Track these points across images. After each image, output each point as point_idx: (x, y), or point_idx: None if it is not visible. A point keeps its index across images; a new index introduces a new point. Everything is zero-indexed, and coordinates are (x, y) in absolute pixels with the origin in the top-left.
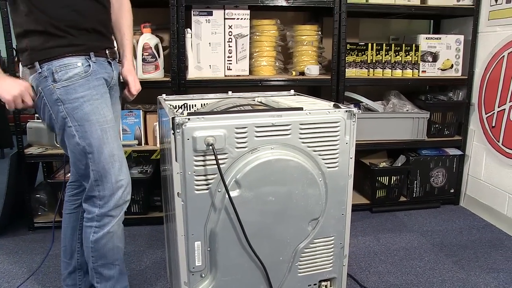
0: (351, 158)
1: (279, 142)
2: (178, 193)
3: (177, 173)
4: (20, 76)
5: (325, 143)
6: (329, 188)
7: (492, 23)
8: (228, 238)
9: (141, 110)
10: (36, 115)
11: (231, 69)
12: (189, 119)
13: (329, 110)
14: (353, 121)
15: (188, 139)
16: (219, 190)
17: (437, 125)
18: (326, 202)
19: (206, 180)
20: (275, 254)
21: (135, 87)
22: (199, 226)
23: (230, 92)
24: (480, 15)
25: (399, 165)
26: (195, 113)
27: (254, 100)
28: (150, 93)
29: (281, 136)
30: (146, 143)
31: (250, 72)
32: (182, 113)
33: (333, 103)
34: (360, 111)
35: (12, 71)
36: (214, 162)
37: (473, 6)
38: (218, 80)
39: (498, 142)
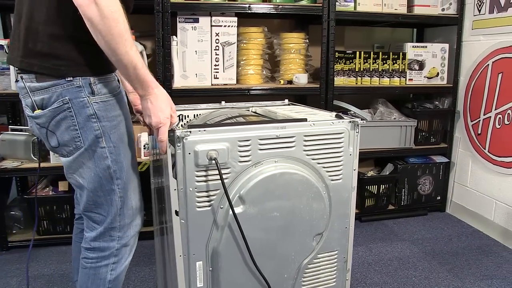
0: (354, 169)
1: (282, 155)
2: (176, 211)
3: (174, 189)
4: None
5: (329, 155)
6: (333, 201)
7: (476, 32)
8: (231, 257)
9: None
10: (10, 126)
11: (218, 78)
12: (190, 132)
13: (333, 121)
14: (356, 132)
15: (189, 154)
16: (221, 206)
17: (423, 133)
18: (330, 216)
19: (208, 196)
20: (279, 271)
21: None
22: (200, 245)
23: (223, 102)
24: (464, 24)
25: (387, 173)
26: (196, 126)
27: (248, 110)
28: None
29: (285, 149)
30: None
31: (237, 80)
32: (179, 125)
33: (334, 113)
34: (364, 121)
35: None
36: (216, 177)
37: (457, 16)
38: (204, 89)
39: (484, 149)
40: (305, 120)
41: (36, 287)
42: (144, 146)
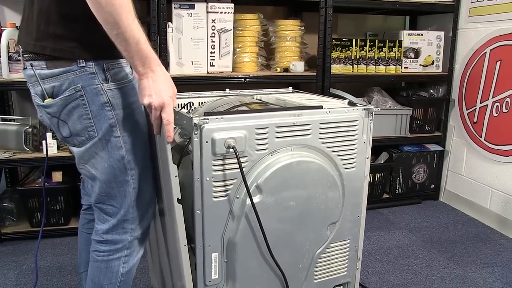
0: (367, 158)
1: (298, 143)
2: (178, 198)
3: (175, 176)
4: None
5: (344, 143)
6: (346, 190)
7: (473, 20)
8: (247, 248)
9: None
10: (1, 116)
11: (214, 66)
12: (208, 119)
13: (347, 108)
14: (370, 119)
15: (206, 142)
16: (238, 196)
17: (418, 121)
18: (343, 205)
19: (224, 186)
20: (294, 261)
21: None
22: (216, 236)
23: (227, 90)
24: (460, 11)
25: (382, 162)
26: (213, 113)
27: (253, 97)
28: None
29: (301, 137)
30: None
31: (233, 68)
32: (189, 112)
33: (346, 101)
34: (378, 108)
35: None
36: (233, 166)
37: (453, 3)
38: (200, 77)
39: (481, 137)
40: (321, 107)
41: (34, 280)
42: None
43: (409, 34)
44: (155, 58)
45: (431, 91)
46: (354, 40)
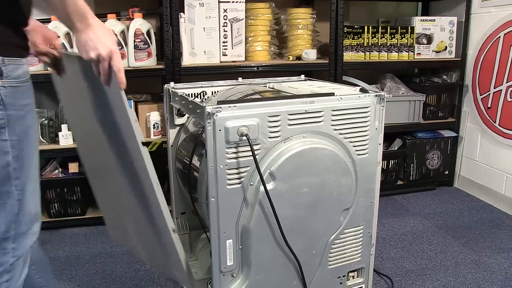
0: (379, 144)
1: (311, 130)
2: (142, 142)
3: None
4: None
5: (356, 129)
6: (359, 176)
7: (486, 4)
8: (262, 235)
9: (132, 101)
10: None
11: (226, 55)
12: (221, 108)
13: (359, 95)
14: (382, 106)
15: (220, 130)
16: (251, 183)
17: (432, 108)
18: (356, 191)
19: (238, 173)
20: (308, 248)
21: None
22: (230, 223)
23: (240, 79)
24: None
25: (396, 148)
26: (226, 101)
27: (265, 86)
28: (142, 82)
29: (314, 124)
30: None
31: (245, 57)
32: (202, 101)
33: (359, 87)
34: (390, 95)
35: None
36: (246, 153)
37: None
38: (213, 67)
39: (495, 122)
40: (332, 94)
41: (53, 269)
42: (154, 125)
43: (421, 20)
44: (90, 11)
45: (444, 77)
46: (366, 27)
